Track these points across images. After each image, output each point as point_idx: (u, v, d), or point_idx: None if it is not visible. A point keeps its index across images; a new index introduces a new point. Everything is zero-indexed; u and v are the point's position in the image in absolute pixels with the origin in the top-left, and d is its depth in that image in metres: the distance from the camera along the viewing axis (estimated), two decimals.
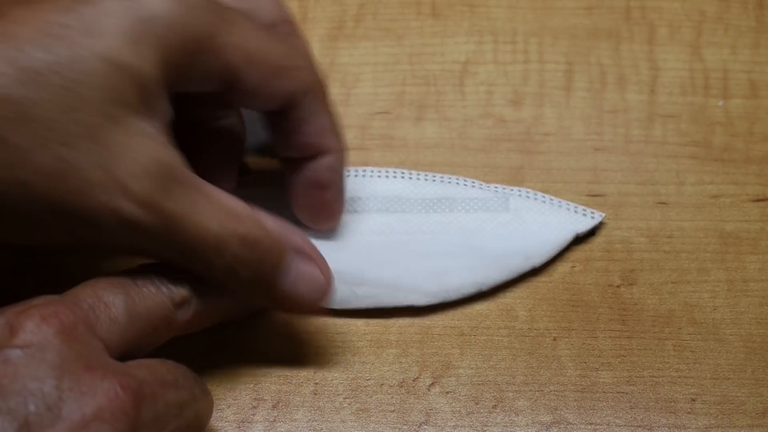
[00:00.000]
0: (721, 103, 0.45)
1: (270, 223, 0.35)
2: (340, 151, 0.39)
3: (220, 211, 0.33)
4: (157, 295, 0.33)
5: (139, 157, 0.32)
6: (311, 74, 0.37)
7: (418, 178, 0.42)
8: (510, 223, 0.41)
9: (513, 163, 0.43)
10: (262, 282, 0.35)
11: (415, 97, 0.46)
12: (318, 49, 0.47)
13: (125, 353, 0.31)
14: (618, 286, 0.40)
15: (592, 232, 0.42)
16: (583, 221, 0.41)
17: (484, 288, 0.40)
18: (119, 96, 0.32)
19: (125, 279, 0.33)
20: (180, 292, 0.33)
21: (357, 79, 0.46)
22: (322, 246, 0.41)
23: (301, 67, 0.37)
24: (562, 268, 0.41)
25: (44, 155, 0.30)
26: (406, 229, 0.41)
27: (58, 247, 0.35)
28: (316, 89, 0.37)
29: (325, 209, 0.40)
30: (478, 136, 0.44)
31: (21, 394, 0.27)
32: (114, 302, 0.31)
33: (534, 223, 0.41)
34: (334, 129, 0.38)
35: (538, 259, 0.40)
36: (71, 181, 0.31)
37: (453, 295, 0.39)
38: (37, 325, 0.29)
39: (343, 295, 0.39)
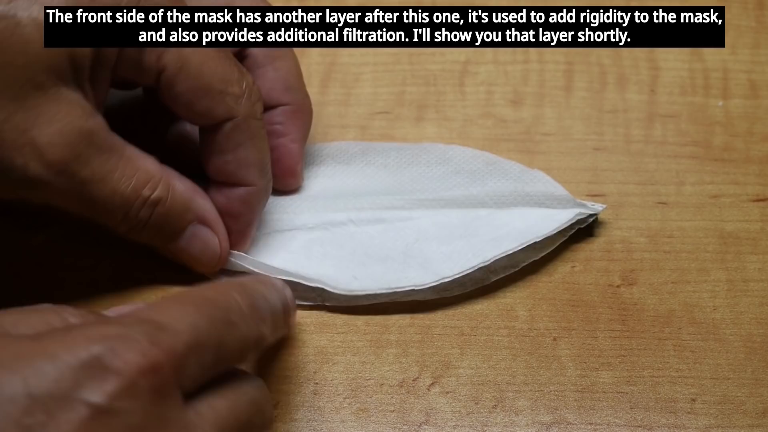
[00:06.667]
0: (721, 103, 0.45)
1: (180, 187, 0.37)
2: (257, 187, 0.38)
3: (133, 174, 0.35)
4: (247, 339, 0.31)
5: (61, 125, 0.33)
6: (245, 105, 0.37)
7: (419, 164, 0.42)
8: (511, 202, 0.41)
9: None
10: (161, 241, 0.38)
11: (415, 97, 0.46)
12: (319, 50, 0.47)
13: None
14: (618, 286, 0.40)
15: (591, 232, 0.42)
16: (585, 206, 0.41)
17: (487, 261, 0.39)
18: (51, 64, 0.33)
19: (223, 312, 0.31)
20: (263, 330, 0.32)
21: (357, 79, 0.46)
22: (318, 237, 0.41)
23: (236, 94, 0.37)
24: (562, 268, 0.41)
25: None
26: (404, 215, 0.41)
27: None
28: (247, 122, 0.37)
29: (231, 235, 0.39)
30: (478, 136, 0.44)
31: None
32: (207, 343, 0.29)
33: (536, 203, 0.41)
34: (258, 164, 0.38)
35: (539, 233, 0.40)
36: None
37: (453, 271, 0.39)
38: (132, 381, 0.27)
39: (344, 280, 0.39)
